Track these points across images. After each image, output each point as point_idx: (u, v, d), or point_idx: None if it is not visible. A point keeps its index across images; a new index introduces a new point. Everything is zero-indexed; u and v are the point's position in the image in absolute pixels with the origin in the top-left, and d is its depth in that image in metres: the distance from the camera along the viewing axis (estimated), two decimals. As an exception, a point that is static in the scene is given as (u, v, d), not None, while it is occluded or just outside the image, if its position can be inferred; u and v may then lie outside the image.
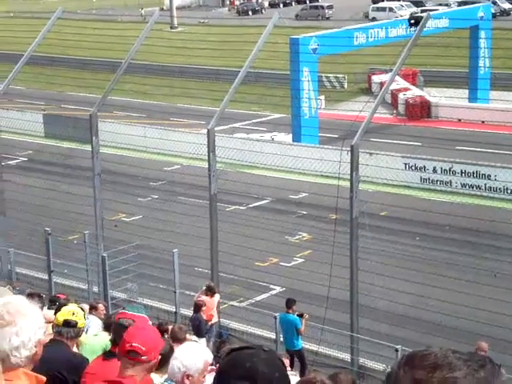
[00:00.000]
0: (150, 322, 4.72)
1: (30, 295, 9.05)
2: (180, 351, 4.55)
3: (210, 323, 13.88)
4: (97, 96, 17.83)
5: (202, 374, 4.69)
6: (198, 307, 13.38)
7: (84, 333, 8.86)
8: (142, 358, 4.06)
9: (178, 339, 8.40)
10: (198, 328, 13.18)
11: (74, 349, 6.85)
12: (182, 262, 15.14)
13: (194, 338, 11.69)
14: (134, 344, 4.04)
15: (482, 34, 33.63)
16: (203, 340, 12.78)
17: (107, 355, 5.00)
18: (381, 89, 19.71)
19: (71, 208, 19.09)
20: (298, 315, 13.17)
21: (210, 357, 4.76)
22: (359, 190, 13.02)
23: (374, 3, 65.92)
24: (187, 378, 4.43)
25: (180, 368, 4.44)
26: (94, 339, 7.85)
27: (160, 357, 4.36)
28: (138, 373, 4.10)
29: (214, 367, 6.61)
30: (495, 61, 33.54)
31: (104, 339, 7.76)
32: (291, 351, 13.06)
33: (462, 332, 13.50)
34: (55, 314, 6.20)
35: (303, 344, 13.58)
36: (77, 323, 5.73)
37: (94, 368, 4.92)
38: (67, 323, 5.66)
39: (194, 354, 4.55)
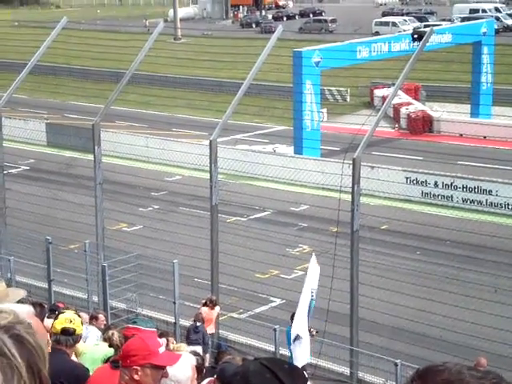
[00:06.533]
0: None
1: (32, 304, 9.03)
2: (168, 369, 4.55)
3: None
4: (99, 106, 17.87)
5: (193, 379, 4.75)
6: (200, 319, 13.43)
7: (83, 342, 8.86)
8: None
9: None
10: (202, 338, 13.24)
11: (73, 358, 6.83)
12: (182, 272, 15.12)
13: (191, 347, 11.66)
14: None
15: (485, 49, 33.69)
16: (199, 348, 12.77)
17: (115, 364, 4.91)
18: (383, 103, 19.77)
19: (72, 217, 19.10)
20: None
21: (193, 359, 4.85)
22: (360, 203, 13.02)
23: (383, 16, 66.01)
24: None
25: None
26: (94, 349, 7.83)
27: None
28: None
29: (212, 378, 6.62)
30: (498, 76, 33.60)
31: (104, 349, 7.74)
32: None
33: (461, 347, 13.46)
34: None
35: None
36: (75, 330, 5.62)
37: (100, 377, 4.88)
38: (65, 331, 5.55)
39: (180, 366, 4.58)
